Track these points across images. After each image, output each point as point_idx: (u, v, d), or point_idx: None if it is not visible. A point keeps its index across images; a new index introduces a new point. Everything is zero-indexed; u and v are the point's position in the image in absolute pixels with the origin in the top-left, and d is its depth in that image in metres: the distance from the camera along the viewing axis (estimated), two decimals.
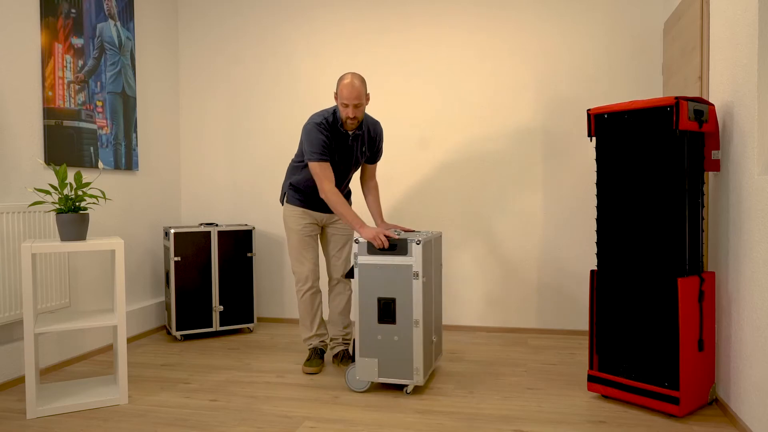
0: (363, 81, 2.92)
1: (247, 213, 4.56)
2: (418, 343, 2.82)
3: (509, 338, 4.00)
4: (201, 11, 4.58)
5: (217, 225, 4.07)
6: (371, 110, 4.30)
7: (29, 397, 2.62)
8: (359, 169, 3.40)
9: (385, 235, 2.82)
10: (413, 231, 3.16)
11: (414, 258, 2.81)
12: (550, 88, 4.04)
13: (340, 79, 2.93)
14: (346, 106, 2.90)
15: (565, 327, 4.07)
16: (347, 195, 3.38)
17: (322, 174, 2.91)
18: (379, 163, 4.28)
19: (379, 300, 2.87)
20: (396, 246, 2.84)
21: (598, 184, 2.82)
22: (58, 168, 2.86)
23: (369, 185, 3.34)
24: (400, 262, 2.83)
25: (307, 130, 2.98)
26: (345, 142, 3.04)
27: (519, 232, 4.11)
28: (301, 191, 3.22)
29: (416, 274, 2.81)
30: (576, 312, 4.05)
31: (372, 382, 3.01)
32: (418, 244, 2.80)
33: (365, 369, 2.92)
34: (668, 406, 2.54)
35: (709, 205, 2.91)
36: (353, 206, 4.33)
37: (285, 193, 3.31)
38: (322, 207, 3.26)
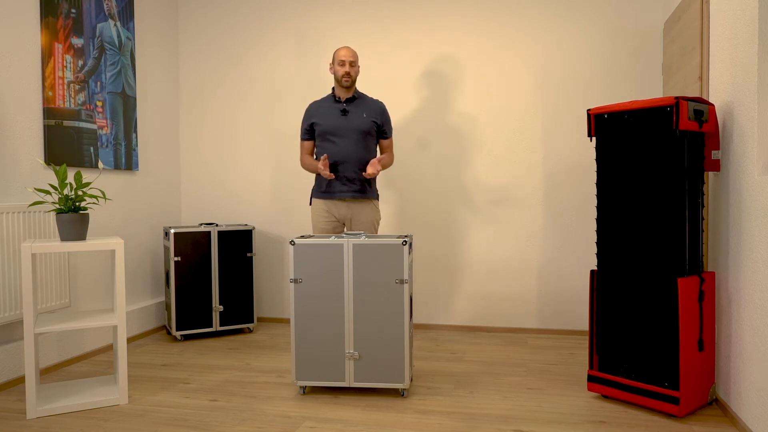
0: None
1: (247, 213, 4.56)
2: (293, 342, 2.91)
3: (509, 338, 4.00)
4: (201, 11, 4.57)
5: (217, 225, 4.07)
6: None
7: (29, 397, 2.62)
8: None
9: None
10: (360, 233, 3.01)
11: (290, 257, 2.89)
12: (550, 89, 4.04)
13: (335, 51, 3.42)
14: (343, 64, 3.34)
15: (565, 327, 4.07)
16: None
17: (301, 151, 3.54)
18: None
19: None
20: None
21: (598, 184, 2.82)
22: (58, 168, 2.86)
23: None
24: None
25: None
26: (341, 107, 3.41)
27: (519, 232, 4.11)
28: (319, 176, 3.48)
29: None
30: (576, 312, 4.05)
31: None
32: (292, 244, 2.85)
33: None
34: (668, 406, 2.54)
35: (709, 205, 2.91)
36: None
37: (311, 191, 3.59)
38: (342, 186, 3.39)
